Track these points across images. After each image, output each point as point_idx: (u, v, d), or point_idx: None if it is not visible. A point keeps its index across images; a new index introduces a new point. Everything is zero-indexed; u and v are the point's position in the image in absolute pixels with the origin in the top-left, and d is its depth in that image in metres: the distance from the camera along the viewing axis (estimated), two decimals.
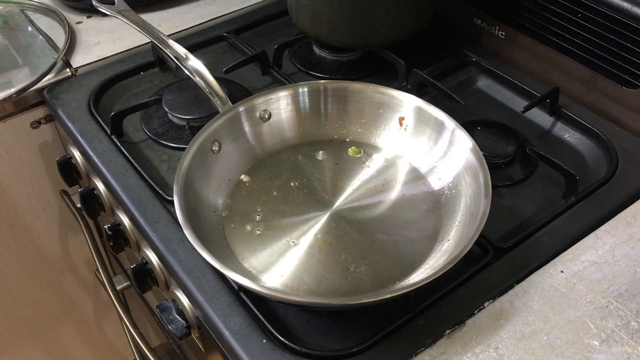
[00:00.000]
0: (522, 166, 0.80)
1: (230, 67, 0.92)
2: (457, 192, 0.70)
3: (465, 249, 0.59)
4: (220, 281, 0.67)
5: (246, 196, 0.73)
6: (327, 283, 0.64)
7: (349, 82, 0.79)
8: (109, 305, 1.27)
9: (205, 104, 0.84)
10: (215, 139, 0.73)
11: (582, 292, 0.63)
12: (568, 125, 0.84)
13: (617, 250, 0.67)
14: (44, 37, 1.02)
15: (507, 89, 0.90)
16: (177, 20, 1.06)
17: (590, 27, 0.81)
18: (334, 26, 0.89)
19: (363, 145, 0.79)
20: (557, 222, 0.71)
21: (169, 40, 0.81)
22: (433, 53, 0.97)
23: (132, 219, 0.77)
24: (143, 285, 0.80)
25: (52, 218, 1.09)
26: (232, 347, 0.61)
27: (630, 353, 0.58)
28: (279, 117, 0.78)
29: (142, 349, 0.88)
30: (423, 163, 0.75)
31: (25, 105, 0.95)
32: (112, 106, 0.92)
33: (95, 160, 0.82)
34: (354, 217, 0.71)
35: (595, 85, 0.84)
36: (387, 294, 0.58)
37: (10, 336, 1.20)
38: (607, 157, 0.79)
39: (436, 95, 0.87)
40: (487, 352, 0.59)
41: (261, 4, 1.10)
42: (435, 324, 0.62)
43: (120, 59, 0.98)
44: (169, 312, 0.75)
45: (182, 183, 0.66)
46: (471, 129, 0.78)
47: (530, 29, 0.89)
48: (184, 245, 0.70)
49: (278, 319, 0.64)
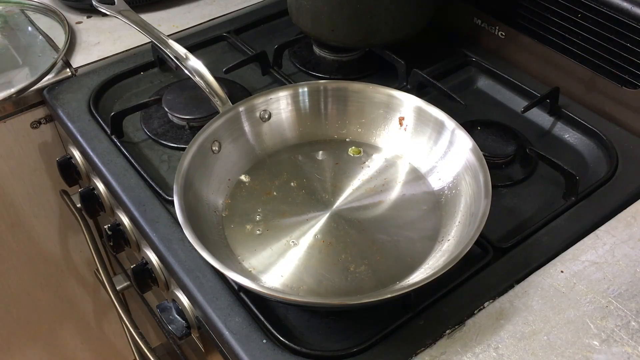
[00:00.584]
0: (522, 166, 0.80)
1: (230, 67, 0.92)
2: (457, 192, 0.70)
3: (465, 249, 0.59)
4: (220, 281, 0.67)
5: (246, 196, 0.73)
6: (327, 283, 0.64)
7: (349, 82, 0.79)
8: (109, 305, 1.27)
9: (205, 104, 0.84)
10: (215, 139, 0.73)
11: (582, 292, 0.63)
12: (568, 125, 0.84)
13: (617, 250, 0.67)
14: (44, 37, 1.02)
15: (507, 89, 0.90)
16: (177, 20, 1.06)
17: (590, 27, 0.81)
18: (334, 26, 0.89)
19: (363, 145, 0.79)
20: (557, 222, 0.71)
21: (169, 40, 0.81)
22: (433, 53, 0.96)
23: (132, 219, 0.77)
24: (143, 285, 0.80)
25: (52, 218, 1.09)
26: (232, 347, 0.61)
27: (630, 353, 0.58)
28: (279, 117, 0.78)
29: (142, 349, 0.88)
30: (423, 163, 0.75)
31: (25, 105, 0.95)
32: (112, 106, 0.92)
33: (95, 160, 0.82)
34: (354, 217, 0.71)
35: (595, 85, 0.84)
36: (387, 294, 0.58)
37: (10, 336, 1.20)
38: (607, 157, 0.79)
39: (436, 95, 0.87)
40: (487, 352, 0.59)
41: (261, 4, 1.10)
42: (435, 324, 0.62)
43: (120, 59, 0.98)
44: (169, 312, 0.75)
45: (182, 183, 0.66)
46: (471, 129, 0.78)
47: (530, 29, 0.89)
48: (184, 245, 0.70)
49: (278, 319, 0.64)
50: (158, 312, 0.75)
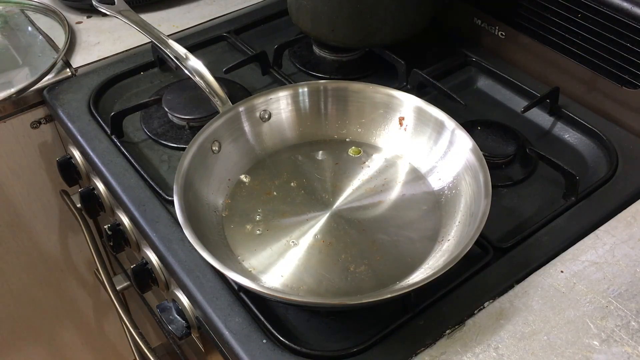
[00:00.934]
0: (522, 166, 0.80)
1: (230, 67, 0.92)
2: (457, 192, 0.70)
3: (465, 249, 0.59)
4: (220, 281, 0.67)
5: (246, 196, 0.73)
6: (327, 283, 0.64)
7: (349, 82, 0.79)
8: (109, 305, 1.27)
9: (205, 104, 0.84)
10: (215, 139, 0.73)
11: (582, 292, 0.63)
12: (568, 125, 0.84)
13: (617, 250, 0.67)
14: (44, 37, 1.02)
15: (507, 89, 0.90)
16: (177, 20, 1.06)
17: (590, 27, 0.81)
18: (334, 26, 0.89)
19: (363, 145, 0.79)
20: (557, 222, 0.71)
21: (169, 40, 0.81)
22: (433, 53, 0.97)
23: (132, 219, 0.77)
24: (143, 285, 0.80)
25: (52, 218, 1.09)
26: (232, 347, 0.61)
27: (630, 353, 0.58)
28: (279, 117, 0.78)
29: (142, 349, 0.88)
30: (423, 163, 0.75)
31: (25, 105, 0.95)
32: (112, 106, 0.92)
33: (95, 160, 0.82)
34: (354, 217, 0.71)
35: (595, 85, 0.84)
36: (387, 294, 0.58)
37: (10, 336, 1.20)
38: (607, 157, 0.79)
39: (436, 95, 0.87)
40: (487, 352, 0.59)
41: (261, 4, 1.10)
42: (435, 324, 0.62)
43: (120, 59, 0.98)
44: (169, 312, 0.75)
45: (182, 183, 0.66)
46: (471, 129, 0.78)
47: (530, 29, 0.89)
48: (184, 245, 0.70)
49: (278, 319, 0.64)
50: (158, 312, 0.75)
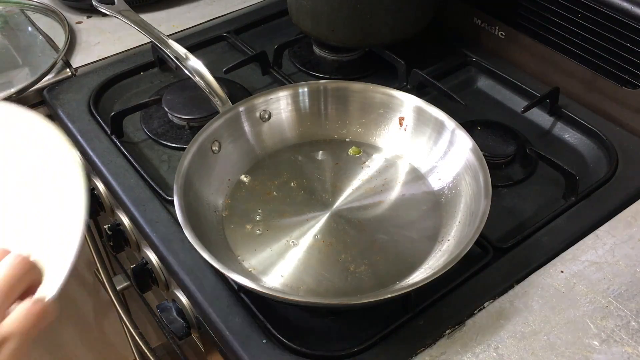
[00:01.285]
0: (522, 166, 0.80)
1: (230, 67, 0.92)
2: (457, 192, 0.70)
3: (465, 249, 0.59)
4: (220, 281, 0.67)
5: (246, 196, 0.73)
6: (327, 283, 0.64)
7: (349, 82, 0.79)
8: (109, 305, 1.26)
9: (205, 104, 0.84)
10: (215, 139, 0.73)
11: (582, 292, 0.63)
12: (568, 125, 0.84)
13: (617, 250, 0.67)
14: (44, 37, 1.02)
15: (507, 89, 0.90)
16: (177, 20, 1.06)
17: (590, 27, 0.81)
18: (334, 26, 0.89)
19: (363, 145, 0.79)
20: (557, 222, 0.71)
21: (169, 40, 0.81)
22: (433, 53, 0.96)
23: (132, 219, 0.77)
24: (143, 285, 0.80)
25: None
26: (232, 347, 0.61)
27: (630, 353, 0.58)
28: (279, 117, 0.78)
29: (142, 349, 0.89)
30: (423, 163, 0.75)
31: (25, 105, 0.94)
32: (112, 106, 0.92)
33: (95, 160, 0.82)
34: (354, 217, 0.71)
35: (595, 85, 0.84)
36: (387, 294, 0.58)
37: None
38: (607, 157, 0.79)
39: (436, 95, 0.87)
40: (487, 352, 0.59)
41: (261, 4, 1.10)
42: (435, 324, 0.62)
43: (120, 59, 0.98)
44: (169, 312, 0.75)
45: (182, 183, 0.66)
46: (471, 129, 0.78)
47: (530, 29, 0.89)
48: (184, 245, 0.70)
49: (278, 319, 0.64)
50: (158, 312, 0.76)
